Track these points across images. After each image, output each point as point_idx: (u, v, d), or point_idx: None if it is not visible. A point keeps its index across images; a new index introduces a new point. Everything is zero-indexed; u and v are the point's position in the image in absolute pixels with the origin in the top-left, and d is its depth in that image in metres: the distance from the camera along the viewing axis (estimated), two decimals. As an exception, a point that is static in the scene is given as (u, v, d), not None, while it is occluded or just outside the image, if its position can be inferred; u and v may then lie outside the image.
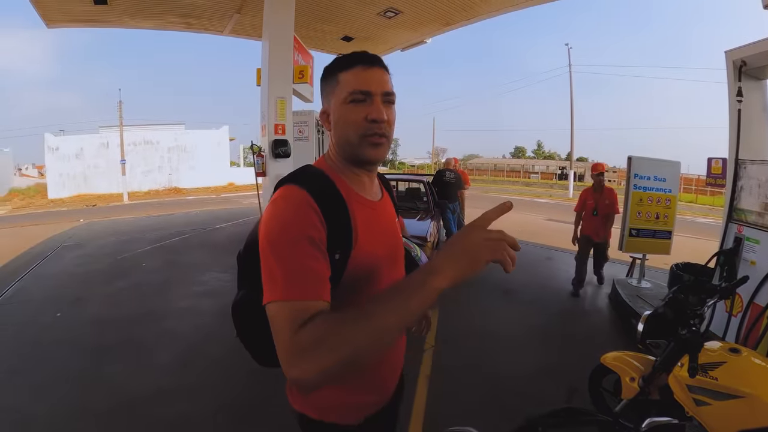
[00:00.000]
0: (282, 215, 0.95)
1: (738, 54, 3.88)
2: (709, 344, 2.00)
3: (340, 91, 1.08)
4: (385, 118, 1.06)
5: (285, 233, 0.92)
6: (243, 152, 41.74)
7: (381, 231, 1.16)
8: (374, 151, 1.08)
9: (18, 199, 25.21)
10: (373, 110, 1.05)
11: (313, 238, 0.92)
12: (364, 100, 1.05)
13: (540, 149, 76.52)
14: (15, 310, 5.35)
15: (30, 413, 3.10)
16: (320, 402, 1.16)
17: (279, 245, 0.91)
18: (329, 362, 0.78)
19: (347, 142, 1.08)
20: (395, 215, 1.32)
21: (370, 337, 0.80)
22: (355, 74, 1.07)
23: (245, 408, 3.18)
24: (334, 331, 0.80)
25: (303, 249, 0.90)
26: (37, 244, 9.75)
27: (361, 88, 1.05)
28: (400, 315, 0.80)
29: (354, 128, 1.06)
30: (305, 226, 0.93)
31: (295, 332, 0.82)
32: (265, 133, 6.52)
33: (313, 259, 0.91)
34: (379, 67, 1.10)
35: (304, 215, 0.94)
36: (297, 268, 0.89)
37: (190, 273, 7.03)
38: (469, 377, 3.66)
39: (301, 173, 1.07)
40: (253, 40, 10.05)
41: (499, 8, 8.40)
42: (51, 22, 8.39)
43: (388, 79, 1.10)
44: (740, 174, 3.89)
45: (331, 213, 0.98)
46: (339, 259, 0.98)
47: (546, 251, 8.80)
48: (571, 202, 23.07)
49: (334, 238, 0.97)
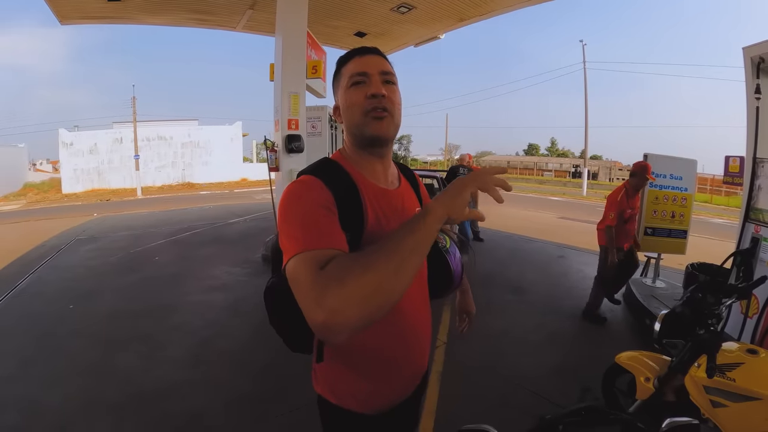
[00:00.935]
0: (297, 192, 1.02)
1: (756, 50, 3.79)
2: (726, 345, 1.97)
3: (342, 81, 1.16)
4: (384, 93, 1.10)
5: (300, 203, 0.99)
6: (256, 147, 42.00)
7: (396, 218, 1.16)
8: (378, 124, 1.11)
9: (33, 194, 25.61)
10: (371, 87, 1.10)
11: (327, 206, 0.99)
12: (364, 82, 1.11)
13: (553, 147, 75.82)
14: (29, 302, 5.43)
15: (42, 404, 3.14)
16: (340, 387, 1.19)
17: (295, 211, 0.97)
18: (356, 293, 0.76)
19: (354, 124, 1.13)
20: (416, 204, 1.32)
21: (391, 261, 0.80)
22: (354, 62, 1.15)
23: (257, 402, 3.19)
24: (357, 261, 0.82)
25: (318, 211, 0.96)
26: (51, 238, 9.89)
27: (358, 71, 1.12)
28: (411, 244, 0.83)
29: (358, 108, 1.11)
30: (319, 198, 1.00)
31: (317, 273, 0.81)
32: (279, 128, 6.52)
33: (328, 220, 0.96)
34: (375, 54, 1.16)
35: (318, 192, 1.01)
36: (313, 224, 0.93)
37: (203, 267, 7.08)
38: (481, 375, 3.64)
39: (317, 165, 1.15)
40: (266, 35, 10.05)
41: (513, 4, 8.32)
42: (64, 19, 8.45)
43: (385, 62, 1.16)
44: (758, 173, 3.82)
45: (342, 195, 1.04)
46: (349, 240, 0.99)
47: (559, 249, 8.73)
48: (584, 201, 22.90)
49: (345, 219, 1.01)
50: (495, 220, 11.73)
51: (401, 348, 1.21)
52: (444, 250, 1.37)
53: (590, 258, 7.91)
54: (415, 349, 1.25)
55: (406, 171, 1.40)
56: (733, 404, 1.79)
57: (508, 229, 10.83)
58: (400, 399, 1.25)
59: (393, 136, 1.16)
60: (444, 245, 1.38)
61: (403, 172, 1.37)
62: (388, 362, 1.19)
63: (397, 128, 1.16)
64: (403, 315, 1.17)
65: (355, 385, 1.18)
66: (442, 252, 1.36)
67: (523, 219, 13.05)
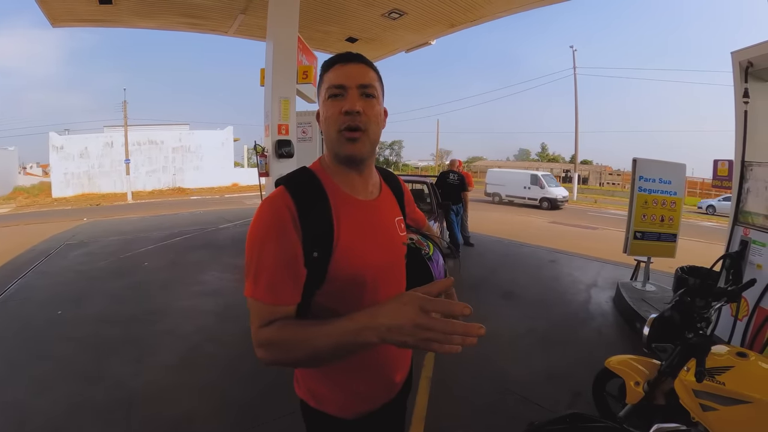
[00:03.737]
0: (259, 217, 1.04)
1: (744, 55, 3.84)
2: (716, 348, 1.97)
3: (323, 90, 1.11)
4: (358, 109, 1.05)
5: (258, 235, 1.01)
6: (247, 153, 41.93)
7: (372, 231, 1.15)
8: (351, 146, 1.08)
9: (22, 198, 25.43)
10: (346, 102, 1.06)
11: (284, 240, 1.00)
12: (342, 95, 1.07)
13: (544, 152, 76.22)
14: (17, 307, 5.35)
15: (30, 410, 3.09)
16: (320, 391, 1.19)
17: (253, 246, 1.01)
18: (278, 360, 0.97)
19: (329, 139, 1.11)
20: (397, 213, 1.29)
21: (307, 355, 0.94)
22: (334, 71, 1.10)
23: (246, 407, 3.16)
24: (283, 340, 0.95)
25: (273, 251, 0.99)
26: (41, 242, 9.79)
27: (336, 83, 1.07)
28: (333, 345, 0.88)
29: (333, 123, 1.08)
30: (278, 228, 1.00)
31: (258, 328, 0.98)
32: (269, 133, 6.50)
33: (282, 263, 0.99)
34: (358, 62, 1.11)
35: (279, 217, 1.01)
36: (266, 270, 0.99)
37: (193, 272, 7.02)
38: (471, 380, 3.62)
39: (292, 175, 1.13)
40: (257, 40, 10.05)
41: (503, 10, 8.37)
42: (56, 21, 8.40)
43: (366, 73, 1.11)
44: (746, 176, 3.85)
45: (309, 211, 1.03)
46: (318, 257, 1.02)
47: (550, 254, 8.76)
48: (575, 206, 23.05)
49: (312, 236, 1.02)
50: (485, 225, 11.78)
51: (379, 352, 1.16)
52: (427, 258, 1.35)
53: (582, 262, 7.98)
54: (393, 352, 1.21)
55: (389, 177, 1.36)
56: (723, 407, 1.79)
57: (499, 233, 10.88)
58: (382, 403, 1.24)
59: (368, 155, 1.13)
60: (427, 253, 1.37)
61: (386, 179, 1.33)
62: (367, 367, 1.17)
63: (374, 144, 1.13)
64: None
65: (333, 389, 1.17)
66: (424, 260, 1.35)
67: (514, 223, 13.11)
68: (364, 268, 1.10)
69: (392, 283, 1.20)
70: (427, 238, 1.48)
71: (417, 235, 1.45)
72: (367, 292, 1.10)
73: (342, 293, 1.07)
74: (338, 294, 1.07)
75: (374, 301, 0.97)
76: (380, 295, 1.11)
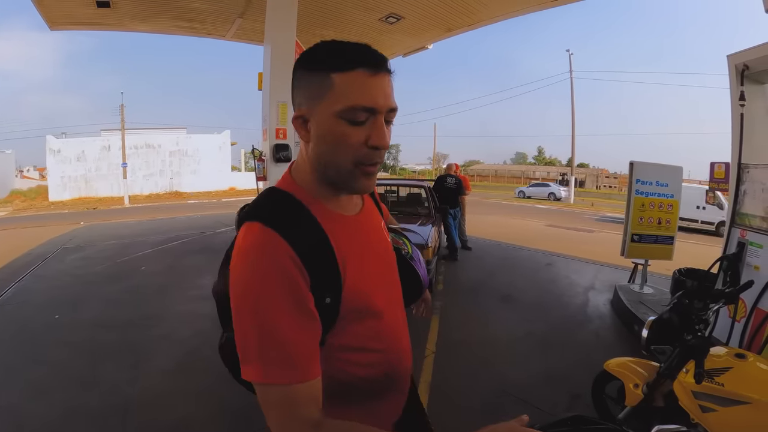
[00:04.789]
0: (254, 272, 0.79)
1: (740, 58, 3.86)
2: (714, 350, 1.98)
3: (333, 99, 0.84)
4: (388, 144, 0.88)
5: (263, 296, 0.78)
6: (244, 157, 41.89)
7: (369, 248, 1.02)
8: (367, 181, 0.90)
9: (19, 201, 25.40)
10: (375, 134, 0.85)
11: (298, 296, 0.80)
12: (367, 120, 0.85)
13: (541, 155, 76.56)
14: (13, 311, 5.33)
15: (26, 414, 3.07)
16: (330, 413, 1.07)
17: (258, 312, 0.78)
18: None
19: (335, 168, 0.88)
20: (379, 217, 1.16)
21: None
22: (358, 81, 0.83)
23: (243, 413, 3.15)
24: None
25: (290, 313, 0.79)
26: (38, 246, 9.76)
27: (366, 104, 0.83)
28: None
29: (349, 152, 0.86)
30: (286, 284, 0.79)
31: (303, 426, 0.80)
32: (267, 137, 6.50)
33: (298, 328, 0.79)
34: (387, 71, 0.87)
35: (282, 270, 0.79)
36: (272, 336, 0.77)
37: (190, 276, 7.00)
38: (470, 383, 3.62)
39: (271, 205, 0.91)
40: (255, 44, 10.06)
41: (500, 14, 8.40)
42: (54, 24, 8.40)
43: (391, 90, 0.89)
44: (743, 178, 3.87)
45: (311, 253, 0.83)
46: (331, 302, 0.86)
47: (547, 257, 8.77)
48: (572, 209, 23.09)
49: (322, 281, 0.84)
50: (483, 229, 11.78)
51: (386, 378, 1.04)
52: (408, 257, 1.32)
53: (579, 265, 7.98)
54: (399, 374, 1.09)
55: None
56: (722, 408, 1.79)
57: (496, 237, 10.88)
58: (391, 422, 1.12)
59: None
60: (407, 252, 1.33)
61: None
62: (373, 393, 1.03)
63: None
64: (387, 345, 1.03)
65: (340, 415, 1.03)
66: (407, 261, 1.31)
67: (511, 227, 13.12)
68: (373, 292, 0.97)
69: (394, 298, 1.10)
70: (398, 234, 1.42)
71: (391, 234, 1.30)
72: (375, 316, 0.98)
73: (351, 326, 0.93)
74: (347, 329, 0.92)
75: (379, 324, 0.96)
76: (384, 315, 1.00)
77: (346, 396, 0.96)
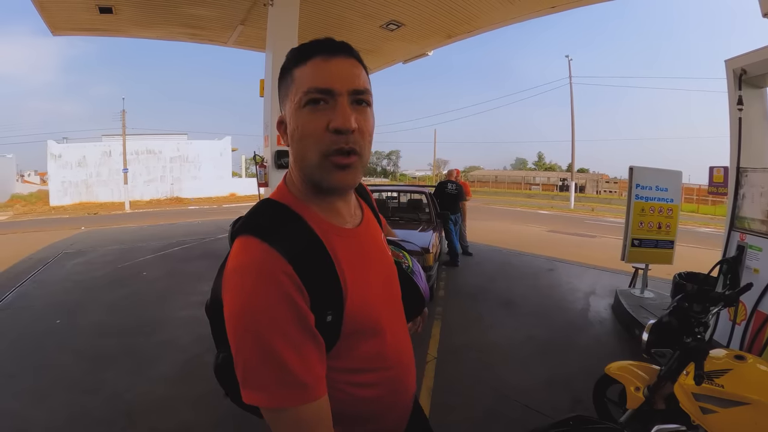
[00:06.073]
0: (251, 295, 0.75)
1: (738, 62, 3.89)
2: (714, 352, 1.99)
3: (294, 92, 0.83)
4: (354, 126, 0.81)
5: (262, 321, 0.74)
6: (245, 163, 41.97)
7: (369, 260, 0.98)
8: (341, 175, 0.84)
9: (20, 206, 25.41)
10: (336, 116, 0.80)
11: (297, 318, 0.76)
12: (326, 102, 0.81)
13: (541, 161, 76.62)
14: (14, 316, 5.33)
15: (28, 419, 3.07)
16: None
17: (259, 337, 0.74)
18: None
19: (306, 163, 0.84)
20: (379, 230, 1.12)
21: None
22: (313, 67, 0.82)
23: (247, 420, 3.15)
24: None
25: (287, 338, 0.75)
26: (38, 251, 9.75)
27: (319, 85, 0.80)
28: None
29: (313, 143, 0.82)
30: (285, 306, 0.75)
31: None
32: (268, 143, 6.54)
33: (301, 348, 0.76)
34: (347, 55, 0.85)
35: (281, 291, 0.75)
36: (274, 357, 0.74)
37: (191, 282, 7.00)
38: (472, 389, 3.62)
39: (266, 218, 0.86)
40: (256, 51, 10.13)
41: (499, 21, 8.46)
42: (56, 29, 8.47)
43: (359, 72, 0.85)
44: (742, 182, 3.89)
45: (310, 270, 0.79)
46: (332, 321, 0.83)
47: (548, 262, 8.77)
48: (572, 214, 23.09)
49: (322, 299, 0.81)
50: (484, 235, 11.79)
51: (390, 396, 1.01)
52: (409, 272, 1.31)
53: (580, 270, 7.99)
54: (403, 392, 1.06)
55: (359, 188, 1.12)
56: (722, 410, 1.80)
57: (497, 243, 10.88)
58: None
59: (358, 183, 0.92)
60: (408, 266, 1.33)
61: (357, 190, 1.11)
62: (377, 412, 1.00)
63: (366, 166, 0.90)
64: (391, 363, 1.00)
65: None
66: (408, 275, 1.30)
67: (512, 233, 13.12)
68: (376, 308, 0.94)
69: (396, 314, 1.07)
70: (397, 246, 1.41)
71: (390, 246, 1.26)
72: (378, 334, 0.95)
73: (354, 346, 0.89)
74: (350, 349, 0.89)
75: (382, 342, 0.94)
76: (387, 332, 0.97)
77: (350, 417, 0.93)
